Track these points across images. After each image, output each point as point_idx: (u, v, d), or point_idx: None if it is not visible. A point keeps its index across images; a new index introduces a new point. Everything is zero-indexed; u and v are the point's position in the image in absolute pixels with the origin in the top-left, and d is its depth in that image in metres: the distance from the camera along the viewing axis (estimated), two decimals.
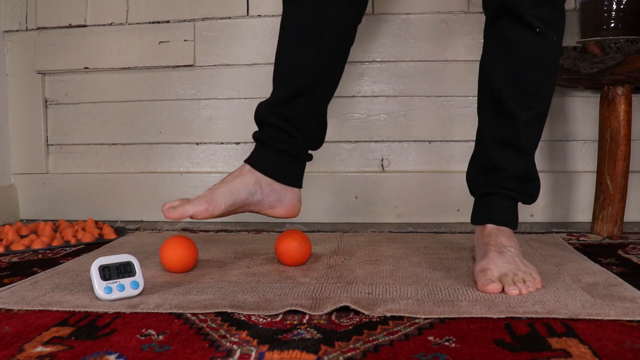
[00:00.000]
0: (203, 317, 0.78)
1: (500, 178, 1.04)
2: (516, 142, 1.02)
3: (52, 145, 1.73)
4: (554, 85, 1.05)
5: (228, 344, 0.69)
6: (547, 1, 0.98)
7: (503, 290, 0.87)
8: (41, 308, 0.83)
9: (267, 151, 1.09)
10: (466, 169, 1.12)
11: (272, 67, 1.65)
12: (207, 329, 0.74)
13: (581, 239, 1.32)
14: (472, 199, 1.11)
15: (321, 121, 1.14)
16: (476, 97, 1.11)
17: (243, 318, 0.78)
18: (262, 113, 1.10)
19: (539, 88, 1.02)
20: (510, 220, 1.03)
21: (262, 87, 1.64)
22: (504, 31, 1.02)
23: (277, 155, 1.09)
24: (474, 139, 1.11)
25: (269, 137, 1.09)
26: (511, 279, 0.88)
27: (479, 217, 1.06)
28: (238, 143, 1.66)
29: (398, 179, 1.60)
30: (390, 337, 0.71)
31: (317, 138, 1.14)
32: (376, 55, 1.61)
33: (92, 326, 0.75)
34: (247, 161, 1.10)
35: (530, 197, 1.07)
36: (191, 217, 1.01)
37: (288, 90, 1.07)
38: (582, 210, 1.57)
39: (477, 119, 1.10)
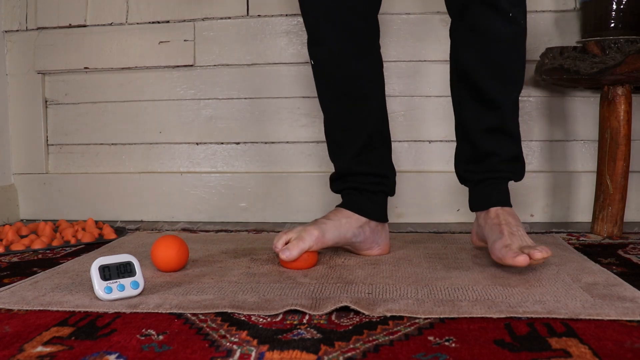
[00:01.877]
0: (203, 317, 0.78)
1: (495, 162, 1.08)
2: (504, 127, 1.07)
3: (52, 145, 1.73)
4: (524, 68, 1.09)
5: (228, 344, 0.69)
6: None
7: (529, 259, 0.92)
8: (41, 308, 0.83)
9: (366, 196, 1.13)
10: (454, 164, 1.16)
11: (272, 68, 1.66)
12: (207, 329, 0.74)
13: (581, 239, 1.32)
14: None
15: (390, 148, 1.18)
16: None
17: (243, 318, 0.78)
18: (347, 166, 1.13)
19: (515, 72, 1.07)
20: (508, 199, 1.09)
21: (262, 87, 1.64)
22: (476, 21, 1.05)
23: (375, 197, 1.13)
24: None
25: (362, 184, 1.13)
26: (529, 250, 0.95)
27: (481, 202, 1.10)
28: (238, 143, 1.66)
29: (398, 179, 1.60)
30: (390, 337, 0.71)
31: (392, 167, 1.19)
32: None
33: (92, 326, 0.75)
34: (344, 207, 1.13)
35: (521, 174, 1.13)
36: (308, 249, 1.04)
37: (363, 138, 1.11)
38: (582, 210, 1.57)
39: None
